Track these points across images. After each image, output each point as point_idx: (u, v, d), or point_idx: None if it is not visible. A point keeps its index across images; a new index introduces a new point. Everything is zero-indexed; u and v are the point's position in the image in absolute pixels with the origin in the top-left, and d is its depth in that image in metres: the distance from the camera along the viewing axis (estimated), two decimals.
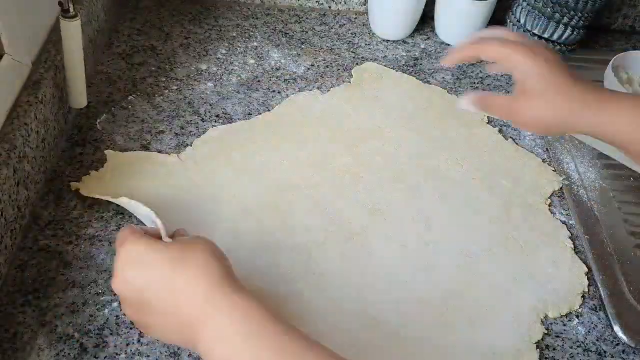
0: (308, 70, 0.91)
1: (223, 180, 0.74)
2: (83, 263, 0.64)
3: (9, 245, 0.62)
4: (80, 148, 0.76)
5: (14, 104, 0.66)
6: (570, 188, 0.78)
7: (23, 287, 0.62)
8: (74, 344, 0.58)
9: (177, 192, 0.72)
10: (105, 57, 0.89)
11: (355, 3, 1.03)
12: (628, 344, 0.63)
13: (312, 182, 0.75)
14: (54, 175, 0.72)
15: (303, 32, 0.98)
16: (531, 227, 0.73)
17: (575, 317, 0.65)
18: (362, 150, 0.80)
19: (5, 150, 0.62)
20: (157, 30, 0.95)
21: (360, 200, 0.74)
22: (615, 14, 1.04)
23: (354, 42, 0.98)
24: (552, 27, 0.90)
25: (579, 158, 0.82)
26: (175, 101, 0.83)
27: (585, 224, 0.74)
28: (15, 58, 0.68)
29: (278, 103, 0.85)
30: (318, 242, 0.68)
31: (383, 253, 0.68)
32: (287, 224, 0.70)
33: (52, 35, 0.76)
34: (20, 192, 0.64)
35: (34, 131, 0.67)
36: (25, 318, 0.59)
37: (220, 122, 0.81)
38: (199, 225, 0.67)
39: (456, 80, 0.92)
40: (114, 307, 0.61)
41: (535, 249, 0.70)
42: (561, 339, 0.63)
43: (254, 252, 0.67)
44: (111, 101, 0.82)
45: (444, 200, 0.74)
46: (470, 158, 0.80)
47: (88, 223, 0.68)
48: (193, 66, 0.89)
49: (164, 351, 0.58)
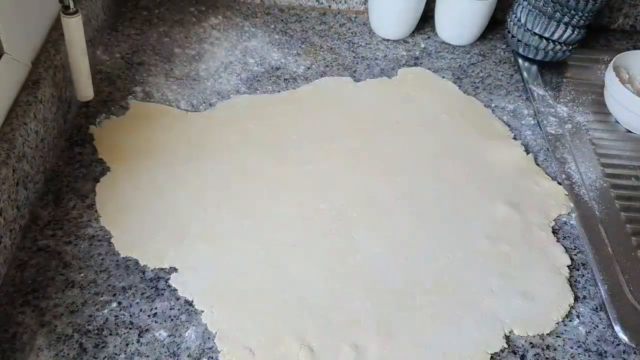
0: (308, 69, 0.91)
1: (236, 141, 0.78)
2: (82, 263, 0.64)
3: (8, 245, 0.62)
4: (80, 148, 0.76)
5: (13, 104, 0.66)
6: (571, 188, 0.78)
7: (22, 287, 0.62)
8: (74, 344, 0.58)
9: (189, 145, 0.76)
10: (105, 57, 0.89)
11: (355, 2, 1.03)
12: (629, 344, 0.63)
13: (316, 158, 0.77)
14: (54, 175, 0.72)
15: (303, 32, 0.98)
16: (528, 245, 0.71)
17: (576, 317, 0.65)
18: (374, 138, 0.81)
19: (5, 150, 0.62)
20: (157, 30, 0.95)
21: (357, 187, 0.74)
22: (616, 13, 1.04)
23: (354, 42, 0.97)
24: (553, 27, 0.90)
25: (579, 158, 0.82)
26: (175, 101, 0.83)
27: (585, 224, 0.74)
28: (15, 58, 0.68)
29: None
30: (306, 217, 0.70)
31: (367, 242, 0.69)
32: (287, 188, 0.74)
33: (51, 34, 0.76)
34: (20, 192, 0.64)
35: (33, 131, 0.67)
36: (25, 318, 0.59)
37: None
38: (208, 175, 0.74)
39: (457, 80, 0.92)
40: (113, 307, 0.61)
41: (524, 267, 0.68)
42: (562, 339, 0.63)
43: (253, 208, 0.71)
44: (111, 101, 0.82)
45: (442, 203, 0.74)
46: (482, 168, 0.79)
47: (87, 223, 0.68)
48: (193, 66, 0.89)
49: (163, 351, 0.58)
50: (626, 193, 0.78)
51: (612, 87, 0.85)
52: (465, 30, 0.97)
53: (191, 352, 0.58)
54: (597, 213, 0.75)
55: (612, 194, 0.77)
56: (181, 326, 0.60)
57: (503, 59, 0.98)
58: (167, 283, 0.64)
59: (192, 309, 0.62)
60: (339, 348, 0.59)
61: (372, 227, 0.71)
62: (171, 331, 0.60)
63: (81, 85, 0.75)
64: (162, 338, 0.59)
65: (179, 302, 0.62)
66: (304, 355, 0.59)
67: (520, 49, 0.95)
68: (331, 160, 0.78)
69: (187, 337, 0.60)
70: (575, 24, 0.89)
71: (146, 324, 0.60)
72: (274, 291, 0.64)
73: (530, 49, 0.94)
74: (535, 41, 0.92)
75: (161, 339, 0.59)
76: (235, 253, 0.67)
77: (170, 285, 0.63)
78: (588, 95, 0.92)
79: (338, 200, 0.73)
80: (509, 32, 0.96)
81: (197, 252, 0.66)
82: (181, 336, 0.60)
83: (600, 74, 0.95)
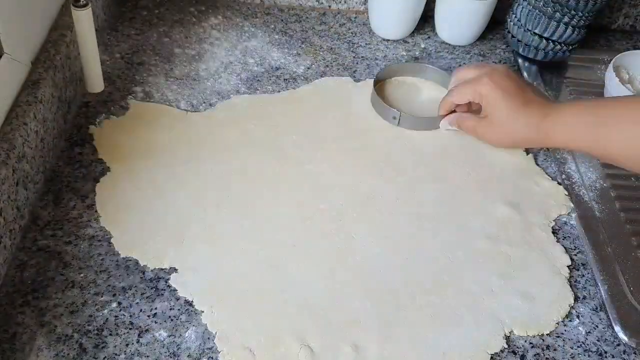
0: (308, 70, 0.91)
1: (236, 142, 0.78)
2: (82, 263, 0.64)
3: (8, 245, 0.62)
4: (80, 148, 0.75)
5: (13, 104, 0.66)
6: (571, 188, 0.78)
7: (22, 287, 0.62)
8: (73, 345, 0.58)
9: (189, 145, 0.77)
10: (105, 57, 0.89)
11: (355, 2, 1.03)
12: (629, 344, 0.63)
13: (316, 158, 0.77)
14: (53, 176, 0.72)
15: (303, 32, 0.98)
16: (528, 245, 0.70)
17: (576, 317, 0.65)
18: (373, 138, 0.81)
19: (5, 150, 0.62)
20: (157, 30, 0.95)
21: (357, 187, 0.74)
22: (616, 13, 1.04)
23: (354, 42, 0.97)
24: (553, 27, 0.90)
25: (579, 158, 0.81)
26: (175, 101, 0.83)
27: (585, 224, 0.74)
28: (15, 58, 0.68)
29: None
30: (306, 217, 0.70)
31: (367, 242, 0.69)
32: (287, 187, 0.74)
33: (51, 34, 0.76)
34: (20, 192, 0.64)
35: (33, 131, 0.67)
36: (25, 318, 0.59)
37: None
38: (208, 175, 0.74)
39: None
40: (113, 307, 0.61)
41: (524, 267, 0.68)
42: (562, 339, 0.63)
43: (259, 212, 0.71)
44: (111, 101, 0.82)
45: (442, 203, 0.74)
46: (482, 168, 0.79)
47: (87, 223, 0.68)
48: (193, 66, 0.89)
49: (163, 352, 0.58)
50: (626, 193, 0.78)
51: (612, 87, 0.85)
52: (465, 31, 0.97)
53: (191, 352, 0.58)
54: (597, 213, 0.75)
55: (612, 194, 0.77)
56: (181, 326, 0.60)
57: (503, 59, 0.98)
58: (167, 283, 0.63)
59: (192, 309, 0.62)
60: (339, 348, 0.59)
61: (372, 227, 0.71)
62: (171, 331, 0.60)
63: (92, 78, 0.75)
64: (162, 338, 0.59)
65: (179, 302, 0.62)
66: (304, 355, 0.59)
67: (520, 49, 0.95)
68: (331, 160, 0.78)
69: (187, 338, 0.60)
70: (575, 24, 0.89)
71: (146, 324, 0.60)
72: (274, 291, 0.64)
73: (530, 49, 0.94)
74: (535, 41, 0.92)
75: (161, 339, 0.59)
76: (235, 253, 0.66)
77: (170, 286, 0.63)
78: (588, 95, 0.91)
79: (338, 200, 0.73)
80: (509, 32, 0.96)
81: (197, 252, 0.66)
82: (181, 336, 0.60)
83: (600, 74, 0.95)
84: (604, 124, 0.65)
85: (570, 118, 0.68)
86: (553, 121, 0.69)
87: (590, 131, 0.66)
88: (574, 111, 0.69)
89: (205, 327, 0.60)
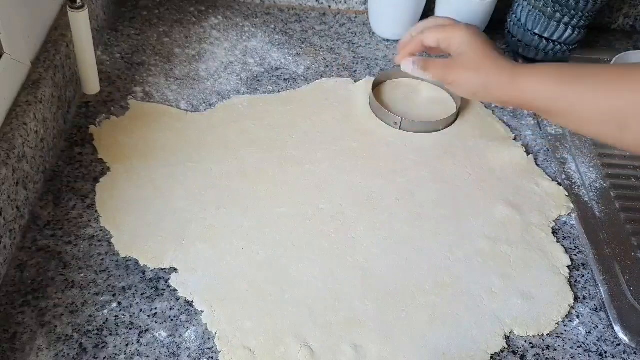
0: (308, 70, 0.91)
1: (236, 142, 0.78)
2: (82, 263, 0.64)
3: (8, 245, 0.62)
4: (80, 148, 0.75)
5: (13, 104, 0.66)
6: (571, 188, 0.78)
7: (22, 287, 0.62)
8: (74, 345, 0.58)
9: (189, 145, 0.77)
10: (105, 57, 0.89)
11: (355, 2, 1.03)
12: (629, 344, 0.63)
13: (316, 159, 0.77)
14: (53, 176, 0.72)
15: (303, 32, 0.98)
16: (528, 245, 0.71)
17: (576, 317, 0.65)
18: (373, 138, 0.81)
19: (5, 150, 0.62)
20: (157, 30, 0.95)
21: (357, 187, 0.74)
22: (616, 13, 1.04)
23: (354, 42, 0.97)
24: (553, 27, 0.90)
25: (579, 158, 0.82)
26: (175, 101, 0.83)
27: (585, 225, 0.74)
28: (15, 58, 0.68)
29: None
30: (306, 217, 0.71)
31: (367, 242, 0.69)
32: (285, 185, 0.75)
33: (51, 34, 0.76)
34: (20, 192, 0.64)
35: (33, 131, 0.67)
36: (25, 318, 0.59)
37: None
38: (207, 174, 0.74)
39: None
40: (113, 307, 0.61)
41: (524, 267, 0.68)
42: (562, 339, 0.63)
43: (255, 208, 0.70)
44: (111, 101, 0.82)
45: (442, 203, 0.74)
46: (482, 169, 0.79)
47: (87, 223, 0.68)
48: (193, 66, 0.89)
49: (163, 352, 0.58)
50: (626, 193, 0.78)
51: None
52: None
53: (191, 353, 0.58)
54: (597, 213, 0.75)
55: (612, 194, 0.77)
56: (181, 326, 0.60)
57: None
58: (167, 283, 0.63)
59: (192, 309, 0.62)
60: (339, 348, 0.59)
61: (372, 227, 0.71)
62: (171, 331, 0.60)
63: (88, 80, 0.75)
64: (162, 338, 0.59)
65: (179, 302, 0.62)
66: (304, 355, 0.59)
67: (520, 49, 0.95)
68: (331, 160, 0.78)
69: (187, 338, 0.60)
70: (575, 24, 0.89)
71: (146, 324, 0.60)
72: (273, 291, 0.64)
73: (530, 49, 0.94)
74: (535, 41, 0.92)
75: (161, 339, 0.59)
76: (235, 253, 0.67)
77: (170, 286, 0.63)
78: None
79: (338, 200, 0.73)
80: (509, 32, 0.96)
81: (197, 252, 0.66)
82: (181, 336, 0.60)
83: None
84: (579, 79, 0.63)
85: (544, 69, 0.66)
86: (526, 68, 0.67)
87: (564, 81, 0.64)
88: (549, 66, 0.67)
89: (205, 327, 0.60)
